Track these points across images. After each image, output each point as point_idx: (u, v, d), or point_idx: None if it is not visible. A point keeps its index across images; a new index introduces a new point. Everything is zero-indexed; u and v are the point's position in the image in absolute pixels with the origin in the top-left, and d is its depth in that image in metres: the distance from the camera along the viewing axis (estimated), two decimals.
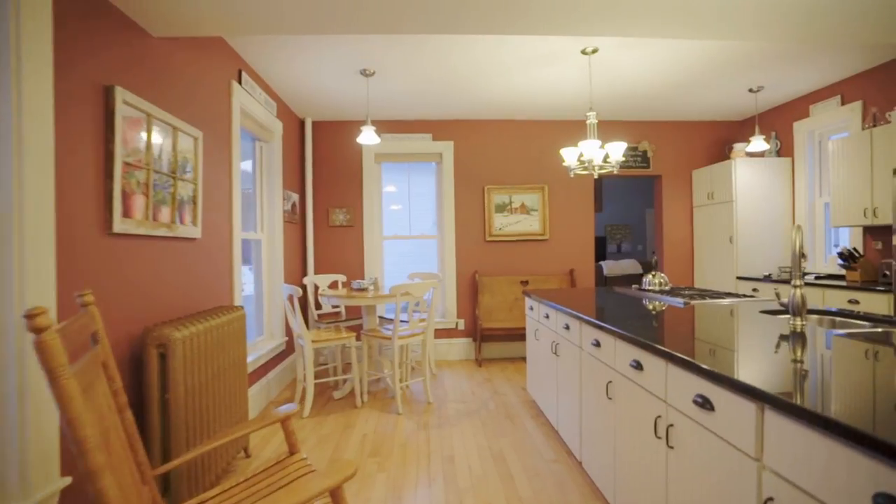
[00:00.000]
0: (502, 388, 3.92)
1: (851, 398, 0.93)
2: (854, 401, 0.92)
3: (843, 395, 0.95)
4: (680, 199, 5.19)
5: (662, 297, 2.68)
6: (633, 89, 4.12)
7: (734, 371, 1.15)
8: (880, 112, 3.66)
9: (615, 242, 9.54)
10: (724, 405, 1.16)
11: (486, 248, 5.02)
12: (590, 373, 2.15)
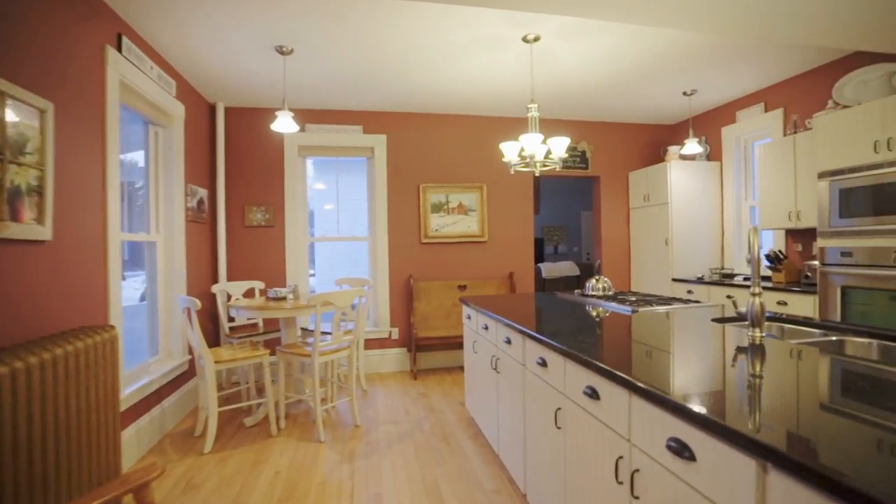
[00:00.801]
0: (439, 405, 3.60)
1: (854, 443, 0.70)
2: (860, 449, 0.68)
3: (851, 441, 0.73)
4: (617, 200, 5.18)
5: (608, 304, 2.50)
6: (574, 86, 3.98)
7: (725, 415, 0.90)
8: (801, 119, 3.78)
9: (552, 244, 9.61)
10: (710, 457, 0.91)
11: (421, 250, 4.70)
12: (535, 396, 1.88)
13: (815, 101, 3.66)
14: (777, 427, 0.83)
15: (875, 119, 2.75)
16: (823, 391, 1.03)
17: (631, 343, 1.57)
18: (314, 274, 9.40)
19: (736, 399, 0.99)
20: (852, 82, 3.10)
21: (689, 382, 1.11)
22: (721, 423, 0.86)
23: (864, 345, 1.68)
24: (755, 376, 1.15)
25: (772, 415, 0.89)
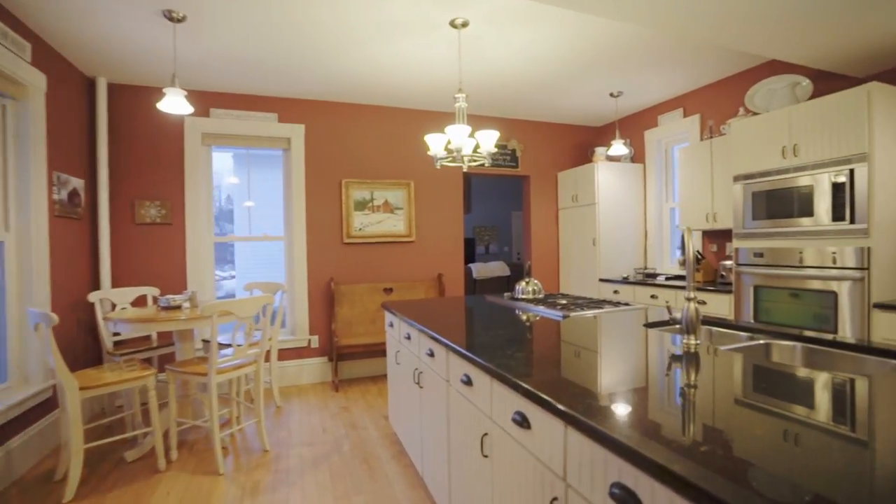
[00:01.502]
0: (361, 419, 3.30)
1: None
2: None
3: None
4: (546, 200, 5.17)
5: (538, 309, 2.35)
6: (505, 81, 3.86)
7: (695, 473, 0.73)
8: (716, 125, 3.93)
9: (483, 244, 9.59)
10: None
11: (344, 251, 4.36)
12: (460, 417, 1.67)
13: (729, 108, 3.82)
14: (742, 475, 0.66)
15: (783, 126, 2.86)
16: (744, 395, 0.90)
17: (561, 356, 1.40)
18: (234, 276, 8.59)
19: (698, 437, 0.82)
20: (762, 91, 3.24)
21: (631, 413, 0.94)
22: (698, 486, 0.68)
23: (788, 348, 1.64)
24: (690, 386, 1.01)
25: (727, 445, 0.73)
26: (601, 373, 1.22)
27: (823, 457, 0.73)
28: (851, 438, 0.80)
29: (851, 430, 0.83)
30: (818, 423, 0.86)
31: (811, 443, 0.78)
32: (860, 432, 0.83)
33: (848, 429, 0.84)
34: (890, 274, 2.53)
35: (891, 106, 2.53)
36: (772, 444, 0.78)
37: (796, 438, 0.81)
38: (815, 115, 2.69)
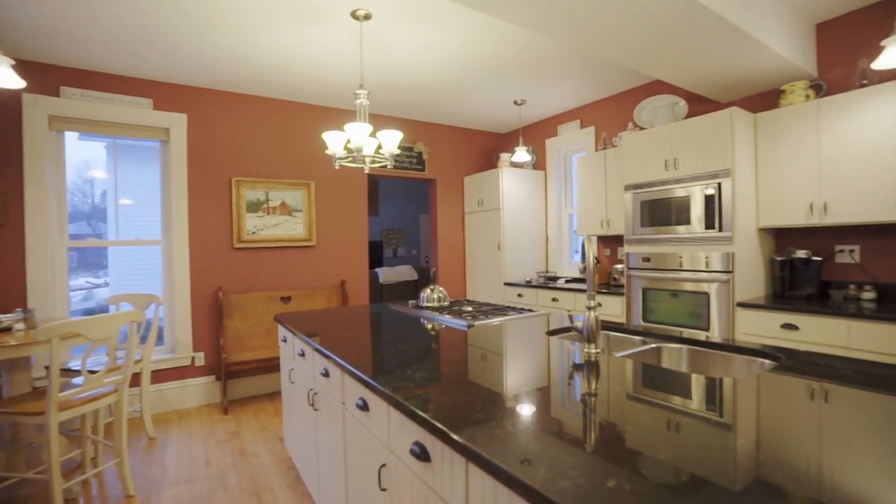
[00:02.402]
0: (253, 445, 2.97)
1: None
2: None
3: None
4: (453, 204, 5.16)
5: (443, 318, 2.27)
6: (410, 81, 3.75)
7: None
8: (609, 137, 4.20)
9: (391, 247, 9.42)
10: None
11: (234, 257, 3.93)
12: (357, 444, 1.51)
13: (621, 122, 4.10)
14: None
15: (665, 141, 3.11)
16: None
17: (465, 376, 1.31)
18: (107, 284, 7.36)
19: (603, 476, 0.76)
20: (648, 108, 3.50)
21: (541, 443, 0.87)
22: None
23: (676, 350, 1.73)
24: (591, 395, 0.97)
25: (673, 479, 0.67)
26: (507, 393, 1.15)
27: (698, 440, 0.85)
28: (720, 423, 0.92)
29: (720, 416, 0.95)
30: (694, 413, 0.89)
31: (688, 429, 0.83)
32: (727, 418, 0.95)
33: (717, 415, 0.96)
34: (749, 276, 2.85)
35: (747, 129, 2.86)
36: (659, 435, 0.75)
37: (677, 426, 0.89)
38: (690, 133, 2.95)
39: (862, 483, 0.69)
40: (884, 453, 0.77)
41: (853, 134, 2.50)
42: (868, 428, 0.88)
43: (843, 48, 2.81)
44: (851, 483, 0.69)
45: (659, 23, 2.25)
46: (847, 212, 2.53)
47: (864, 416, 0.93)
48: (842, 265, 2.83)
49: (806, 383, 1.15)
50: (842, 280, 2.83)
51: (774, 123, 2.82)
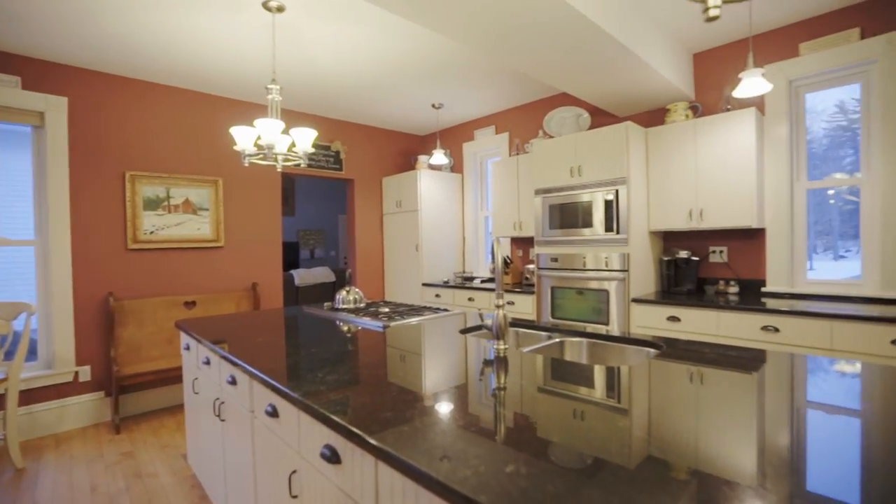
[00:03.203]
0: (151, 465, 2.72)
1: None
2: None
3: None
4: (371, 205, 5.12)
5: (358, 320, 2.26)
6: (327, 79, 3.66)
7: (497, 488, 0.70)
8: (521, 143, 4.43)
9: (308, 248, 9.09)
10: None
11: (128, 259, 3.56)
12: (267, 453, 1.45)
13: (532, 129, 4.34)
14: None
15: (570, 149, 3.35)
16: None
17: (379, 376, 1.33)
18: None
19: (511, 466, 0.82)
20: (555, 117, 3.75)
21: (448, 437, 0.91)
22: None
23: (577, 343, 1.88)
24: (501, 388, 1.04)
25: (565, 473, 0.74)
26: (418, 391, 1.18)
27: (592, 424, 0.94)
28: (617, 408, 1.02)
29: (611, 400, 1.06)
30: (597, 401, 0.99)
31: (591, 416, 0.90)
32: (617, 401, 1.06)
33: (608, 399, 1.07)
34: (642, 275, 3.17)
35: (640, 141, 3.18)
36: (566, 423, 0.83)
37: (582, 415, 0.98)
38: (592, 143, 3.22)
39: (724, 447, 0.81)
40: (738, 421, 0.92)
41: (721, 151, 2.89)
42: (726, 400, 1.03)
43: (714, 76, 3.23)
44: (718, 449, 0.81)
45: (564, 43, 2.42)
46: (717, 218, 2.92)
47: (723, 391, 1.09)
48: (714, 264, 3.26)
49: (681, 367, 1.32)
50: (714, 277, 3.26)
51: (661, 138, 3.16)
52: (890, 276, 2.60)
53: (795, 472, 0.72)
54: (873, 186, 2.68)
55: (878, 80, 2.62)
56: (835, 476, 0.70)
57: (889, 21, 2.59)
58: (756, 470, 0.73)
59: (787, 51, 2.93)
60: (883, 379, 1.18)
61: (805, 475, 0.71)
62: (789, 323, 2.42)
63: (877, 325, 2.18)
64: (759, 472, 0.72)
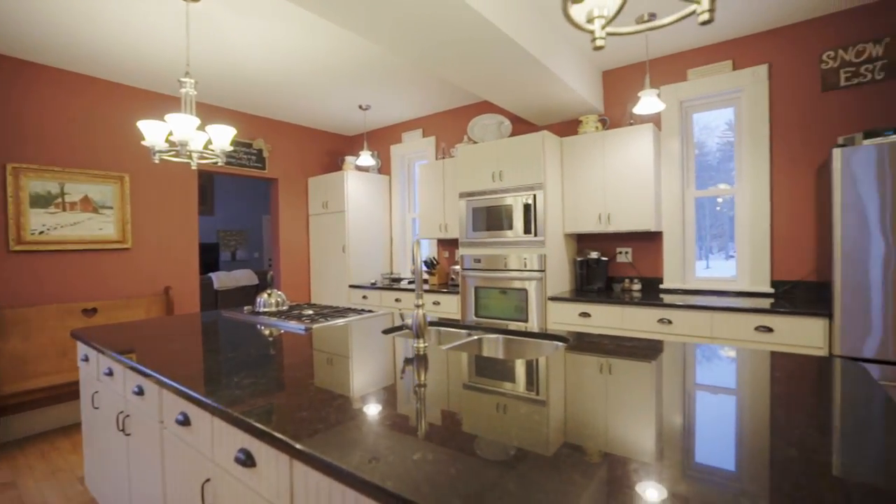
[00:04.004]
0: (37, 494, 2.45)
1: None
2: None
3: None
4: (297, 205, 4.98)
5: (280, 323, 2.22)
6: (249, 74, 3.52)
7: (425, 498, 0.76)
8: (447, 147, 4.55)
9: (230, 250, 8.61)
10: None
11: (11, 262, 3.18)
12: (178, 464, 1.40)
13: (457, 134, 4.47)
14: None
15: (493, 155, 3.51)
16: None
17: (299, 376, 1.33)
18: None
19: (423, 456, 0.88)
20: (479, 124, 3.91)
21: (361, 432, 0.95)
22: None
23: (494, 340, 2.00)
24: (420, 386, 1.11)
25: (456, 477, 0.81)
26: (339, 391, 1.21)
27: (520, 417, 0.98)
28: (536, 400, 1.09)
29: (536, 394, 1.13)
30: (516, 394, 1.07)
31: (512, 409, 0.97)
32: (542, 395, 1.13)
33: (534, 394, 1.14)
34: (558, 274, 3.40)
35: (556, 150, 3.41)
36: (488, 417, 0.91)
37: (505, 408, 1.04)
38: (512, 149, 3.40)
39: (624, 428, 0.93)
40: (631, 404, 1.05)
41: (625, 161, 3.18)
42: (625, 387, 1.17)
43: (619, 92, 3.55)
44: (620, 430, 0.93)
45: (484, 56, 2.55)
46: (622, 222, 3.21)
47: (622, 379, 1.24)
48: (621, 263, 3.58)
49: (584, 358, 1.47)
50: (621, 275, 3.57)
51: (575, 147, 3.41)
52: (756, 273, 3.03)
53: (687, 448, 0.83)
54: (744, 196, 3.10)
55: (746, 106, 3.05)
56: (717, 447, 0.83)
57: (755, 57, 3.02)
58: (655, 448, 0.83)
59: (678, 75, 3.30)
60: (751, 361, 1.40)
61: (694, 449, 0.82)
62: (679, 315, 2.74)
63: (744, 315, 2.53)
64: (657, 449, 0.82)
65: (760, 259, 3.01)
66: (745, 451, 0.81)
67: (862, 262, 2.21)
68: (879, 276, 2.17)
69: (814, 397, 1.07)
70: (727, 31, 2.99)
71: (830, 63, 2.77)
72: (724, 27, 2.93)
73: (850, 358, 2.24)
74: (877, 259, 2.18)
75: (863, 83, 2.68)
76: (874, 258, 2.18)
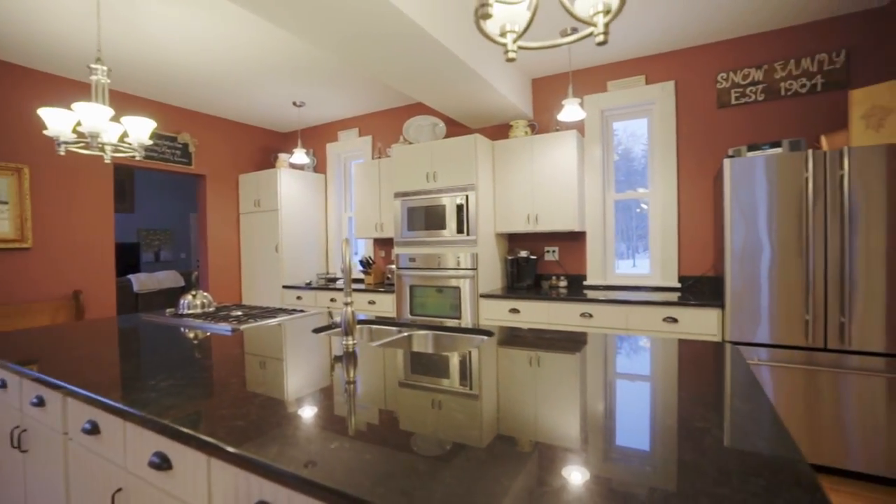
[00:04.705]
0: None
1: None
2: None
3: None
4: (227, 203, 4.76)
5: (206, 325, 2.14)
6: (168, 62, 3.33)
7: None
8: (384, 147, 4.56)
9: (153, 250, 8.03)
10: None
11: None
12: (85, 475, 1.33)
13: (393, 134, 4.50)
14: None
15: (427, 156, 3.58)
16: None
17: (223, 376, 1.32)
18: None
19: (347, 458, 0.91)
20: (414, 125, 3.96)
21: (281, 426, 0.97)
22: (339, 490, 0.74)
23: (423, 336, 2.06)
24: (350, 382, 1.14)
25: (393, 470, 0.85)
26: (261, 389, 1.21)
27: (455, 412, 1.00)
28: (469, 395, 1.12)
29: (469, 389, 1.17)
30: (443, 388, 1.12)
31: (439, 402, 1.02)
32: (475, 389, 1.17)
33: (467, 388, 1.18)
34: (490, 272, 3.53)
35: (488, 152, 3.54)
36: (416, 409, 0.95)
37: (440, 404, 1.06)
38: (446, 151, 3.48)
39: (548, 415, 1.01)
40: (552, 393, 1.15)
41: (551, 164, 3.37)
42: (544, 376, 1.27)
43: (548, 100, 3.75)
44: (546, 418, 1.01)
45: (413, 58, 2.60)
46: (549, 222, 3.40)
47: (539, 368, 1.34)
48: (548, 262, 3.78)
49: (509, 351, 1.56)
50: (549, 273, 3.78)
51: (506, 150, 3.56)
52: (666, 270, 3.33)
53: (609, 432, 0.91)
54: (656, 199, 3.40)
55: (657, 117, 3.34)
56: (635, 430, 0.91)
57: (664, 73, 3.32)
58: (580, 434, 0.90)
59: (600, 86, 3.54)
60: (663, 350, 1.56)
61: (615, 433, 0.90)
62: (599, 309, 2.95)
63: (654, 308, 2.78)
64: (582, 435, 0.89)
65: (670, 257, 3.31)
66: (658, 429, 0.91)
67: (748, 259, 2.51)
68: (763, 271, 2.48)
69: (708, 377, 1.23)
70: (640, 49, 3.26)
71: (724, 83, 3.11)
72: (636, 45, 3.20)
73: (739, 343, 2.54)
74: (760, 256, 2.48)
75: (748, 103, 3.05)
76: (758, 255, 2.49)
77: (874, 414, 2.27)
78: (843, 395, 2.34)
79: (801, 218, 2.39)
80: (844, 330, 2.34)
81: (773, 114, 3.00)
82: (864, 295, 2.29)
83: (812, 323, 2.40)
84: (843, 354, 2.34)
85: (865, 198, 2.28)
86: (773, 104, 3.00)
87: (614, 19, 1.02)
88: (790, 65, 2.94)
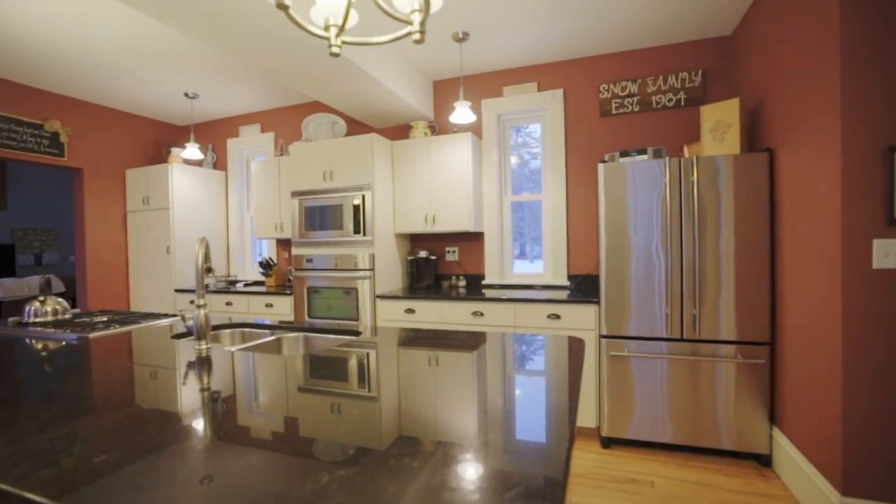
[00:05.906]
0: None
1: None
2: None
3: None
4: (111, 201, 4.36)
5: (54, 334, 1.93)
6: (30, 41, 2.99)
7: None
8: (285, 144, 4.41)
9: (31, 252, 7.17)
10: None
11: None
12: None
13: (295, 131, 4.36)
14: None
15: (324, 154, 3.51)
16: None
17: (39, 392, 1.19)
18: None
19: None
20: (313, 123, 3.86)
21: (108, 438, 0.89)
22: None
23: (294, 339, 2.00)
24: (204, 390, 1.07)
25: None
26: (99, 401, 1.10)
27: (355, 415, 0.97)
28: (368, 397, 1.09)
29: (368, 391, 1.14)
30: (297, 389, 1.08)
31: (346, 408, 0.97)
32: (373, 391, 1.14)
33: (366, 391, 1.14)
34: (389, 273, 3.52)
35: (386, 152, 3.53)
36: (322, 418, 0.90)
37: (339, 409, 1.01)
38: (343, 150, 3.43)
39: (438, 413, 1.00)
40: (422, 387, 1.14)
41: (446, 166, 3.43)
42: (417, 372, 1.27)
43: (447, 102, 3.82)
44: (438, 413, 0.99)
45: (303, 57, 2.53)
46: (446, 223, 3.45)
47: (412, 365, 1.34)
48: (449, 262, 3.84)
49: (367, 351, 1.55)
50: (449, 273, 3.84)
51: (405, 150, 3.58)
52: (557, 269, 3.51)
53: (507, 427, 0.91)
54: (548, 201, 3.58)
55: (549, 123, 3.52)
56: (532, 423, 0.92)
57: (553, 81, 3.50)
58: (479, 430, 0.89)
59: (497, 91, 3.66)
60: (555, 345, 1.61)
61: (514, 427, 0.91)
62: (490, 308, 3.04)
63: (539, 305, 2.92)
64: (481, 431, 0.89)
65: (560, 257, 3.50)
66: (552, 420, 0.95)
67: (618, 258, 2.71)
68: (630, 269, 2.68)
69: (564, 368, 1.29)
70: (531, 57, 3.42)
71: (605, 94, 3.34)
72: (527, 52, 3.34)
73: (611, 336, 2.73)
74: (628, 255, 2.69)
75: (626, 113, 3.30)
76: (626, 254, 2.69)
77: (726, 395, 2.54)
78: (699, 380, 2.59)
79: (661, 219, 2.62)
80: (695, 321, 2.59)
81: (647, 124, 3.27)
82: (712, 289, 2.55)
83: (670, 316, 2.63)
84: (697, 343, 2.60)
85: (712, 202, 2.54)
86: (647, 115, 3.27)
87: (426, 17, 1.04)
88: (659, 80, 3.21)
